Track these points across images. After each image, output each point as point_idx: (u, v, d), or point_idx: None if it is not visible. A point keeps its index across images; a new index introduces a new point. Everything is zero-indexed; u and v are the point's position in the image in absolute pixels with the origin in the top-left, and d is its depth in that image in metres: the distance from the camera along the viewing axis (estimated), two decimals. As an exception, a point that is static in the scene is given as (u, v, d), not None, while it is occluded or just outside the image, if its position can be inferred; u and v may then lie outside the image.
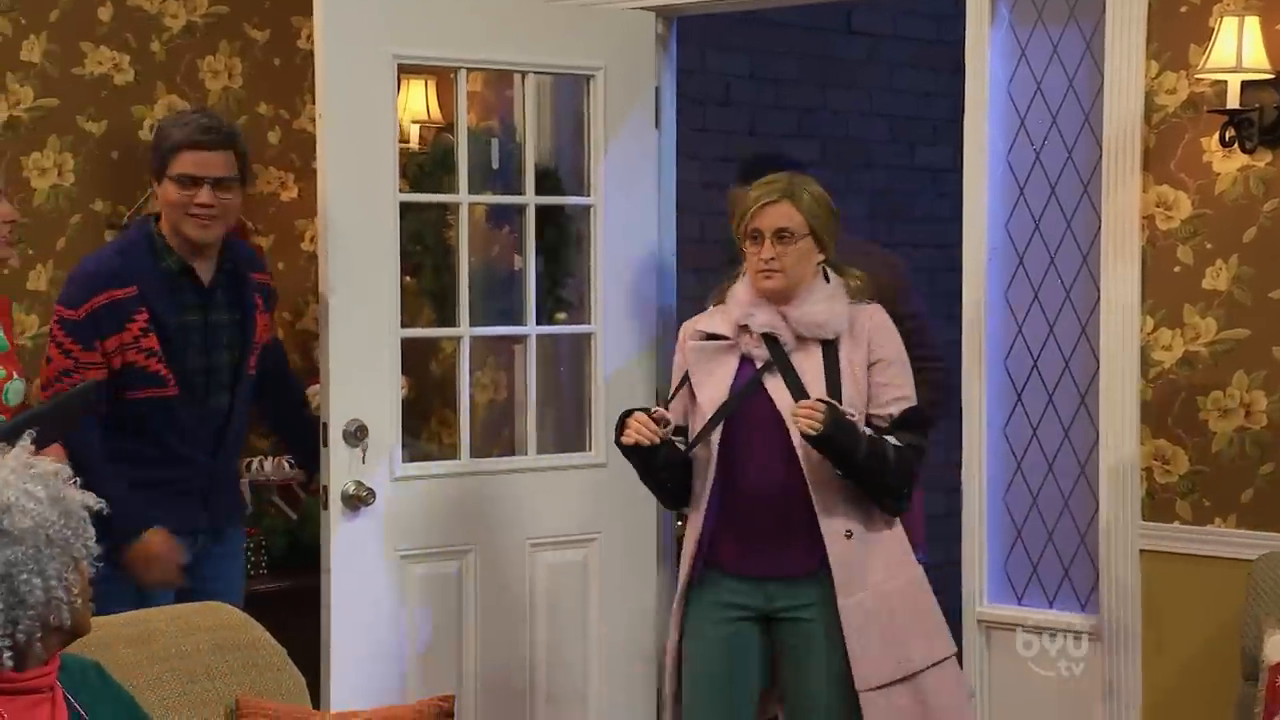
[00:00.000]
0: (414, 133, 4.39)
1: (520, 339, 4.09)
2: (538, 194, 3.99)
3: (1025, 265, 3.68)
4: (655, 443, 3.08)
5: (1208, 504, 3.42)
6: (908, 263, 4.02)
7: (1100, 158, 3.51)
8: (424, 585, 3.78)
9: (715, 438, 3.13)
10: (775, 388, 3.09)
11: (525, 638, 3.92)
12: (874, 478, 3.05)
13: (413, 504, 3.77)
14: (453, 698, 2.82)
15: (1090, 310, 3.58)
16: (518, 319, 4.03)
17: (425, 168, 4.20)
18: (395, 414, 3.74)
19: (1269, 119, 3.29)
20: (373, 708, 3.19)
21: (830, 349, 3.11)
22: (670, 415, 3.14)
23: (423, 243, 4.21)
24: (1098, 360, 3.54)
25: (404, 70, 3.93)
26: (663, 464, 3.15)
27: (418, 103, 4.38)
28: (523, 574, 3.92)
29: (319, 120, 3.66)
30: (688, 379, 3.19)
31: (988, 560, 3.71)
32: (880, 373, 3.12)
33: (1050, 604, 3.66)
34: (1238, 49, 3.22)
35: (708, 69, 5.35)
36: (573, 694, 3.97)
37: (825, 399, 3.03)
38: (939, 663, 3.13)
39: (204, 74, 4.23)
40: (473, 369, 4.04)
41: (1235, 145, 3.31)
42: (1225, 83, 3.28)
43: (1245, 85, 3.27)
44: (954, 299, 3.83)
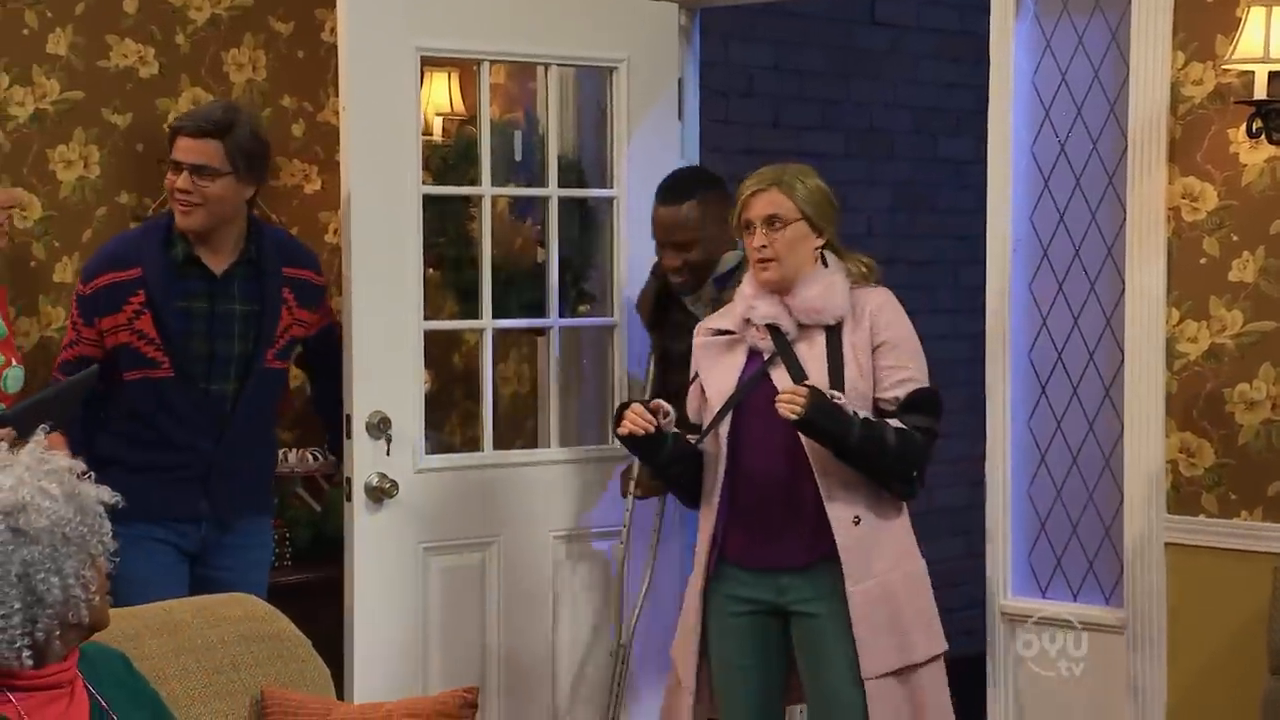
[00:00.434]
0: (437, 125, 4.39)
1: (543, 331, 4.09)
2: (560, 186, 3.99)
3: (1049, 257, 3.67)
4: (650, 432, 3.09)
5: (1234, 497, 3.40)
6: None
7: (1125, 149, 3.50)
8: (447, 577, 3.79)
9: (724, 431, 3.14)
10: (779, 377, 3.10)
11: (548, 630, 3.93)
12: (871, 461, 3.05)
13: (436, 496, 3.77)
14: (476, 689, 2.83)
15: (1115, 302, 3.56)
16: (540, 311, 4.04)
17: (448, 160, 4.21)
18: (418, 406, 3.75)
19: (1296, 110, 3.27)
20: (395, 699, 3.20)
21: (834, 334, 3.11)
22: (669, 407, 3.15)
23: (446, 235, 4.21)
24: (1123, 352, 3.52)
25: (427, 63, 3.93)
26: (670, 458, 3.16)
27: (441, 95, 4.38)
28: (545, 566, 3.92)
29: (342, 113, 3.67)
30: (697, 376, 3.21)
31: (1011, 553, 3.70)
32: (885, 355, 3.11)
33: (1074, 597, 3.65)
34: (1265, 39, 3.20)
35: (731, 60, 5.34)
36: (596, 686, 3.97)
37: (809, 384, 3.03)
38: (934, 659, 3.14)
39: (228, 66, 4.24)
40: (495, 361, 4.04)
41: (1262, 136, 3.29)
42: (1252, 73, 3.26)
43: (1272, 76, 3.24)
44: (976, 291, 3.82)
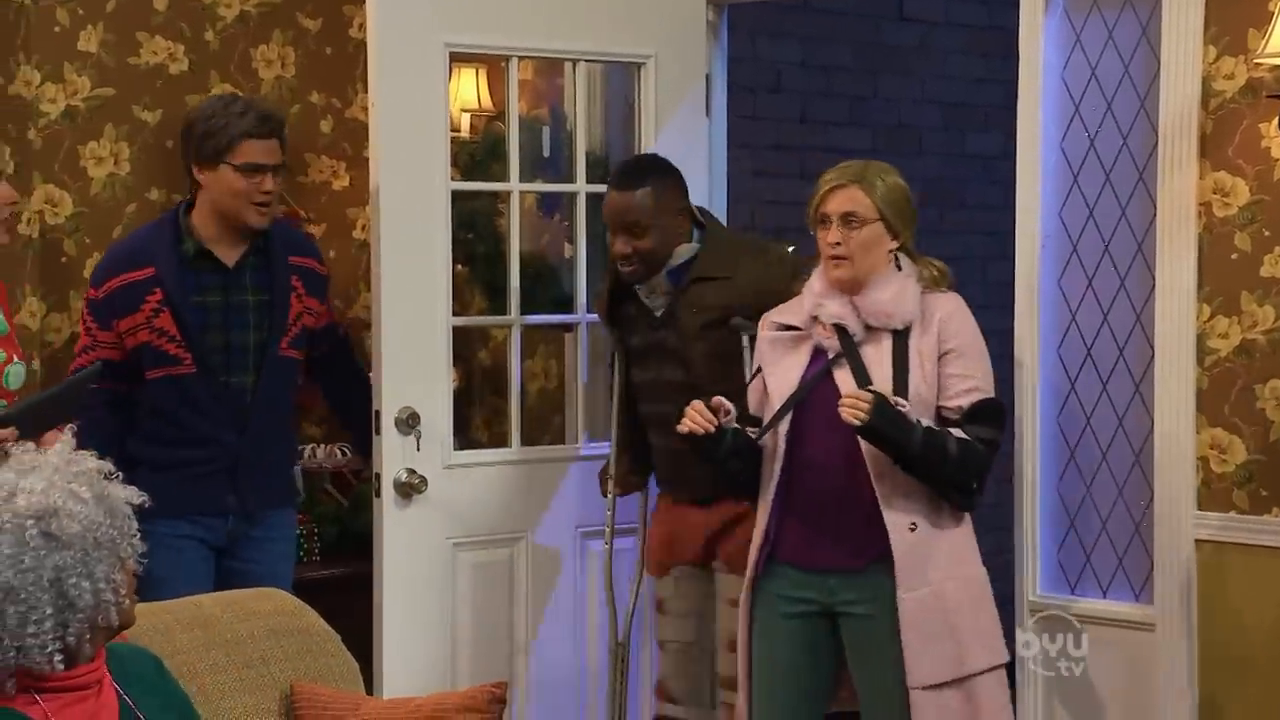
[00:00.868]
0: (465, 122, 4.40)
1: (570, 327, 4.09)
2: (588, 182, 3.99)
3: (1079, 253, 3.65)
4: (709, 431, 3.07)
5: (1265, 493, 3.38)
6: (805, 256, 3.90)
7: (1156, 144, 3.48)
8: (475, 572, 3.80)
9: (783, 428, 3.11)
10: (842, 378, 3.07)
11: (577, 625, 3.93)
12: (931, 470, 3.02)
13: (464, 492, 3.78)
14: (505, 684, 2.84)
15: (1145, 298, 3.54)
16: (568, 307, 4.04)
17: (476, 156, 4.22)
18: (447, 402, 3.75)
19: (1329, 104, 3.25)
20: (424, 694, 3.21)
21: (900, 339, 3.08)
22: (730, 405, 3.12)
23: (474, 231, 4.22)
24: (1153, 349, 3.51)
25: (455, 59, 3.93)
26: (728, 453, 3.12)
27: (469, 91, 4.39)
28: (574, 562, 3.93)
29: (371, 109, 3.67)
30: (760, 370, 3.18)
31: (1040, 550, 3.69)
32: (951, 363, 3.08)
33: (1104, 594, 3.63)
34: (1297, 33, 3.18)
35: (759, 56, 5.33)
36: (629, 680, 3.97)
37: (873, 389, 3.00)
38: (993, 669, 3.10)
39: (257, 63, 4.25)
40: (523, 357, 4.04)
41: (1294, 131, 3.27)
42: (1285, 67, 3.24)
43: (1305, 70, 3.23)
44: (1004, 287, 3.81)
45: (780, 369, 3.14)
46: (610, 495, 3.72)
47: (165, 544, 3.17)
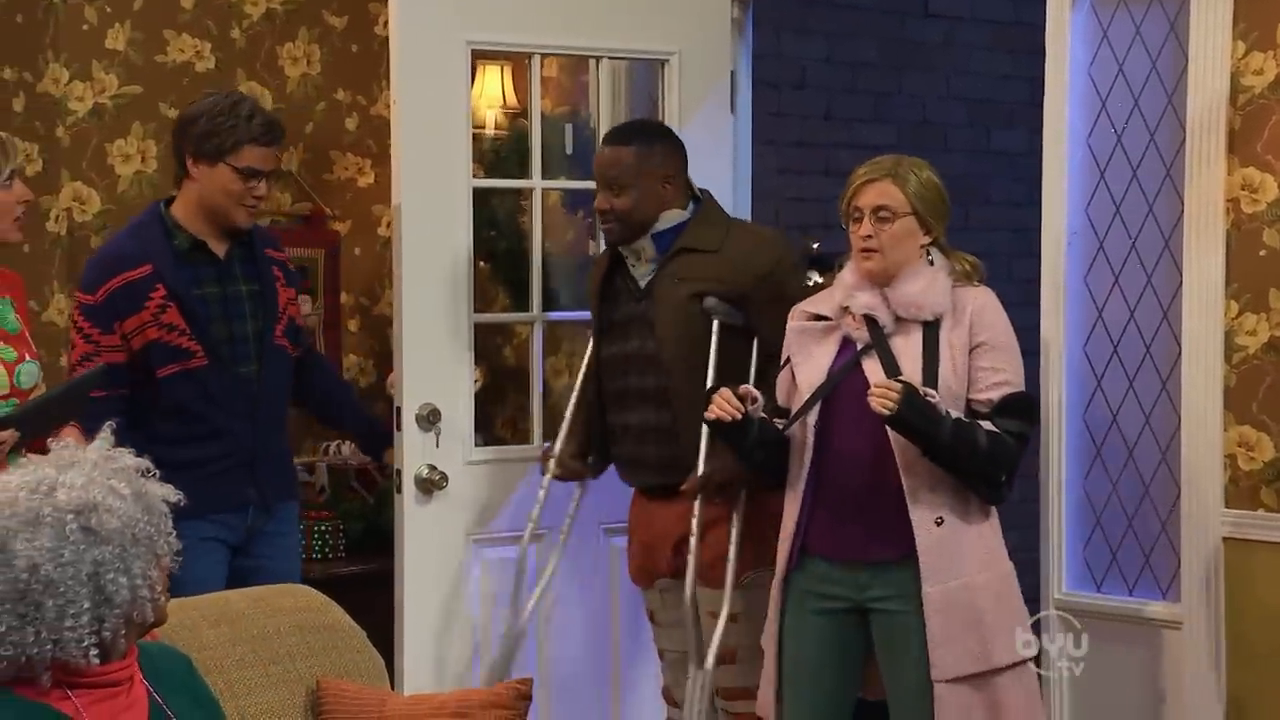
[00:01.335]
0: (490, 119, 4.40)
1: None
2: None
3: (1105, 249, 3.64)
4: (737, 419, 3.06)
5: (1293, 492, 3.37)
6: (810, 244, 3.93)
7: (1184, 140, 3.46)
8: (498, 569, 3.80)
9: (811, 419, 3.10)
10: (871, 370, 3.06)
11: (600, 622, 3.93)
12: (961, 463, 3.00)
13: (485, 488, 3.79)
14: (530, 680, 2.84)
15: (1172, 295, 3.53)
16: (592, 304, 4.04)
17: (500, 153, 4.22)
18: (468, 398, 3.76)
19: (1358, 100, 3.23)
20: (447, 690, 3.22)
21: (931, 331, 3.07)
22: (758, 393, 3.11)
23: (497, 228, 4.23)
24: (1180, 345, 3.49)
25: (481, 56, 3.94)
26: (756, 443, 3.12)
27: (494, 89, 4.40)
28: (596, 559, 3.93)
29: (393, 107, 3.68)
30: (789, 360, 3.18)
31: (1066, 547, 3.67)
32: (982, 356, 3.07)
33: (1130, 592, 3.61)
34: (1327, 28, 3.16)
35: (783, 53, 5.32)
36: (649, 679, 3.97)
37: (902, 380, 3.00)
38: (1017, 665, 3.08)
39: (283, 61, 4.27)
40: (546, 354, 4.05)
41: (1324, 127, 3.25)
42: (1314, 63, 3.23)
43: (1334, 65, 3.21)
44: (1029, 284, 3.79)
45: (809, 359, 3.13)
46: (547, 476, 3.60)
47: (190, 547, 3.17)
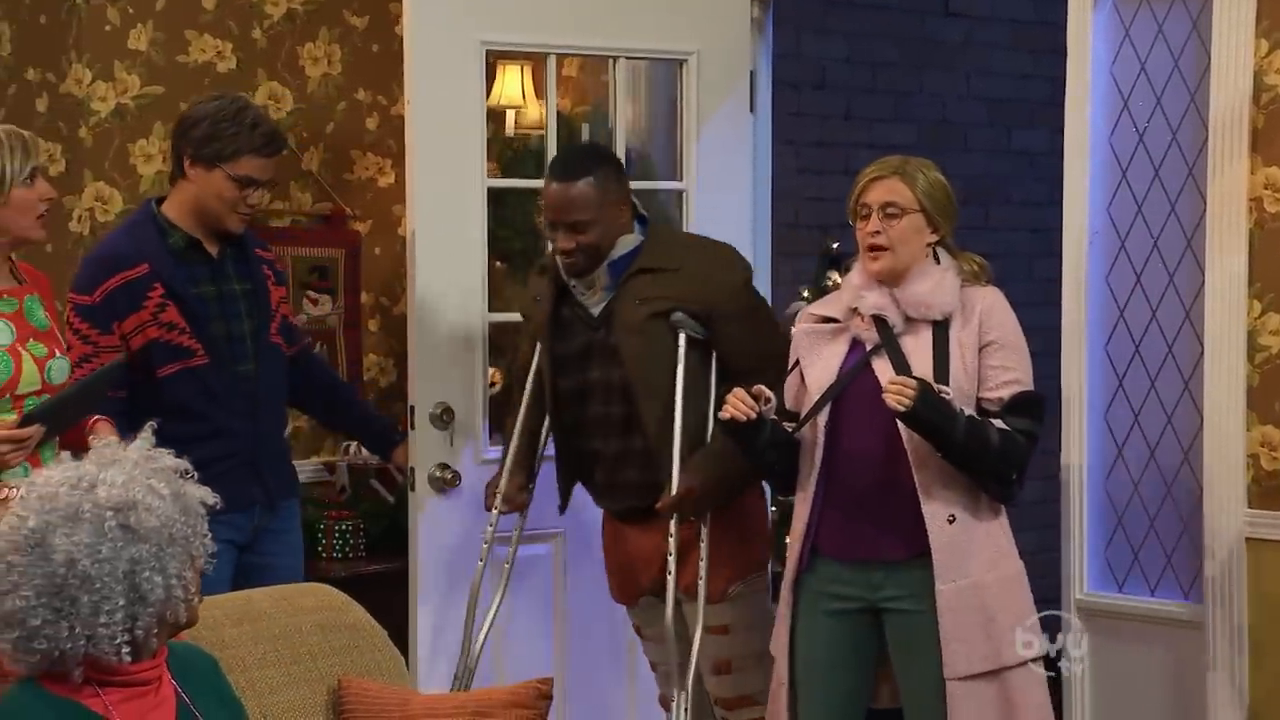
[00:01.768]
0: (510, 118, 4.41)
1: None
2: (630, 179, 3.98)
3: (1127, 249, 3.63)
4: (751, 419, 3.07)
5: (1316, 492, 3.35)
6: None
7: (1206, 139, 3.45)
8: (515, 567, 3.79)
9: (822, 420, 3.10)
10: (882, 370, 3.06)
11: (617, 621, 3.93)
12: (974, 461, 3.01)
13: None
14: (551, 680, 2.84)
15: (1195, 294, 3.51)
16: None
17: (518, 153, 4.22)
18: (482, 397, 3.76)
19: (1382, 98, 3.21)
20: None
21: (941, 330, 3.07)
22: (770, 394, 3.12)
23: (512, 228, 4.23)
24: (1202, 345, 3.47)
25: (499, 56, 3.94)
26: (767, 444, 3.12)
27: (513, 88, 4.40)
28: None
29: (407, 107, 3.69)
30: (798, 363, 3.18)
31: (1088, 547, 3.66)
32: (992, 355, 3.07)
33: (1152, 593, 3.60)
34: (1350, 27, 3.15)
35: (803, 52, 5.32)
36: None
37: (917, 377, 3.00)
38: (1029, 663, 3.08)
39: (304, 61, 4.28)
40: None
41: (1347, 125, 3.24)
42: (1337, 61, 3.21)
43: (1358, 64, 3.19)
44: (1051, 284, 3.78)
45: (819, 361, 3.14)
46: (495, 512, 3.51)
47: None
